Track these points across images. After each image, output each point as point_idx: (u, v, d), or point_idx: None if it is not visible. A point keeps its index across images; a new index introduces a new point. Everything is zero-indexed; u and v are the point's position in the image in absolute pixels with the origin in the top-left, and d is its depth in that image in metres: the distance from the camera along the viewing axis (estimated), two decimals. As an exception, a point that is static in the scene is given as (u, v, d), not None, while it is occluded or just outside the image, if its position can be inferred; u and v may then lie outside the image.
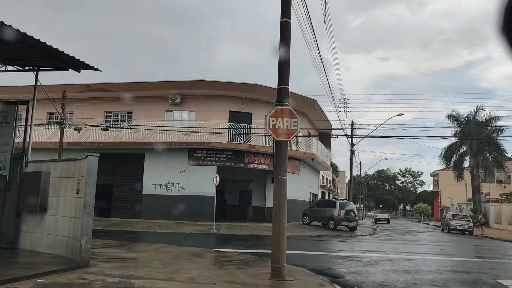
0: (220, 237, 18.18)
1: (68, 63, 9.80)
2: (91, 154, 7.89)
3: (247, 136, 25.55)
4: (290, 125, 7.56)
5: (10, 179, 9.60)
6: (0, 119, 9.83)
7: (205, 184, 24.28)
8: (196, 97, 26.04)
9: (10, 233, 9.48)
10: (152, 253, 10.48)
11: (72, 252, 8.36)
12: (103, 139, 24.91)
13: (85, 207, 7.69)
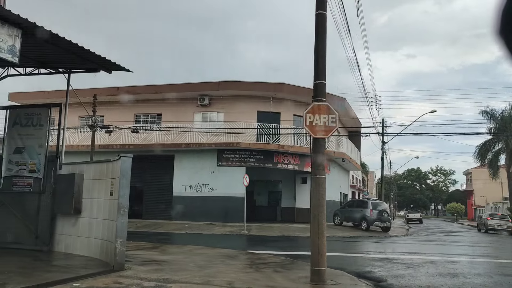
0: (251, 238, 17.94)
1: (99, 65, 9.75)
2: (124, 155, 7.77)
3: (275, 136, 25.26)
4: (328, 121, 7.23)
5: (44, 181, 9.61)
6: (34, 122, 9.88)
7: (235, 185, 24.15)
8: (224, 98, 25.93)
9: (46, 235, 9.48)
10: (185, 255, 10.32)
11: (106, 254, 8.26)
12: (133, 142, 25.10)
13: (119, 209, 7.56)
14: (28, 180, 9.73)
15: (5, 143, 10.02)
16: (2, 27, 7.20)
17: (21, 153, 9.82)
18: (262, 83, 25.40)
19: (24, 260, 8.27)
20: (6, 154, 9.92)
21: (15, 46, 7.46)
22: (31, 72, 10.44)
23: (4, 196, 9.89)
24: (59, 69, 10.40)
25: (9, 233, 9.81)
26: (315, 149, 7.39)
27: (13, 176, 9.85)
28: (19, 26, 7.49)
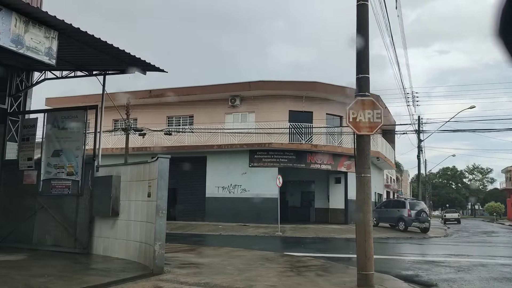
0: (286, 240, 17.63)
1: (134, 66, 9.68)
2: (162, 156, 7.62)
3: (308, 136, 24.86)
4: (373, 117, 6.84)
5: (82, 184, 9.61)
6: (71, 124, 9.89)
7: (267, 186, 23.92)
8: (255, 98, 25.72)
9: (84, 238, 9.47)
10: (223, 257, 10.11)
11: (145, 257, 8.13)
12: (166, 144, 25.23)
13: (158, 211, 7.41)
14: (66, 183, 9.75)
15: (43, 146, 10.09)
16: (39, 29, 7.18)
17: (59, 156, 9.86)
18: (294, 82, 25.05)
19: (64, 263, 8.25)
20: (44, 157, 9.99)
21: (52, 48, 7.44)
22: (67, 75, 10.50)
23: (44, 199, 9.96)
24: (94, 71, 10.41)
25: (49, 235, 9.87)
26: (360, 146, 7.03)
27: (52, 179, 9.90)
28: (55, 28, 7.47)
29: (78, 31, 7.54)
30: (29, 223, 10.03)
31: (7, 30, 6.66)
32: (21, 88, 10.86)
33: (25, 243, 9.96)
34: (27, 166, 10.20)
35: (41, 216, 9.97)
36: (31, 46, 7.06)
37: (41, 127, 10.31)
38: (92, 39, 7.90)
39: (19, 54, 7.07)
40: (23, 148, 10.41)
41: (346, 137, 26.06)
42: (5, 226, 10.30)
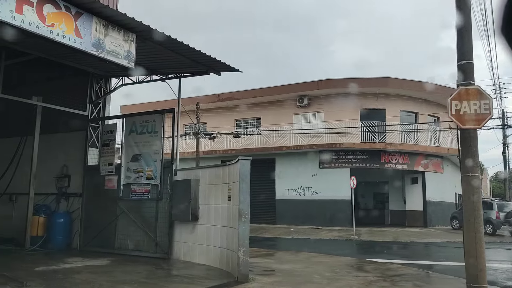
0: (364, 244, 16.74)
1: (209, 67, 9.47)
2: (243, 158, 7.27)
3: (381, 134, 23.69)
4: (480, 108, 6.01)
5: (161, 188, 9.54)
6: (149, 129, 9.88)
7: (339, 188, 23.09)
8: (323, 97, 24.96)
9: (164, 243, 9.38)
10: (304, 264, 9.59)
11: (227, 264, 7.82)
12: (235, 147, 25.20)
13: (241, 215, 7.05)
14: (146, 187, 9.74)
15: (122, 151, 10.18)
16: (118, 32, 7.11)
17: (138, 161, 9.88)
18: (365, 79, 23.98)
19: (146, 268, 8.16)
20: (124, 162, 10.06)
21: (130, 51, 7.35)
22: (144, 79, 10.53)
23: (124, 204, 10.03)
24: (169, 75, 10.35)
25: (130, 240, 9.91)
26: (465, 142, 6.22)
27: (132, 184, 9.94)
28: (133, 30, 7.38)
29: (156, 32, 7.39)
30: (111, 227, 10.14)
31: (88, 35, 6.63)
32: (100, 95, 11.08)
33: (108, 247, 10.08)
34: (108, 171, 10.34)
35: (122, 220, 10.04)
36: (111, 49, 7.00)
37: (120, 133, 10.42)
38: (169, 40, 7.74)
39: (99, 59, 7.03)
40: (104, 153, 10.58)
41: (422, 135, 24.58)
42: (88, 230, 10.51)
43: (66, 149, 11.24)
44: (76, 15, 6.45)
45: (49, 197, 11.16)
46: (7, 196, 11.53)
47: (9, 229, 11.37)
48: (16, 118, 11.16)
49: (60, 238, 10.48)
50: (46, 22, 6.03)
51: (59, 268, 7.92)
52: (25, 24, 5.79)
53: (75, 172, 11.00)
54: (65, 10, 6.29)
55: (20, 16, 5.71)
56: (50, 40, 6.18)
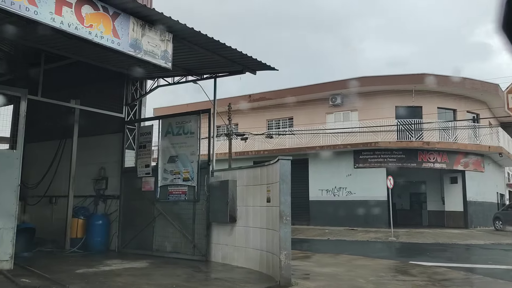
0: (403, 246, 16.19)
1: (245, 66, 9.30)
2: (283, 158, 7.04)
3: (418, 133, 22.97)
4: (540, 101, 5.57)
5: (198, 189, 9.44)
6: (185, 130, 9.80)
7: (375, 188, 22.56)
8: (357, 96, 24.41)
9: (202, 245, 9.26)
10: (346, 267, 9.27)
11: (267, 267, 7.62)
12: (267, 147, 25.01)
13: (282, 217, 6.83)
14: (183, 189, 9.66)
15: (159, 153, 10.14)
16: (155, 32, 7.03)
17: (175, 162, 9.81)
18: (400, 76, 23.35)
19: (186, 271, 8.04)
20: (161, 164, 10.02)
21: (167, 51, 7.26)
22: (179, 81, 10.47)
23: (161, 206, 9.98)
24: (204, 75, 10.25)
25: (168, 242, 9.85)
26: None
27: (169, 185, 9.89)
28: (169, 30, 7.29)
29: (193, 31, 7.28)
30: (149, 229, 10.11)
31: (125, 35, 6.58)
32: (136, 97, 11.10)
33: (146, 249, 10.06)
34: (145, 173, 10.33)
35: (160, 222, 10.00)
36: (148, 50, 6.92)
37: (156, 134, 10.40)
38: (206, 39, 7.61)
39: (136, 59, 6.97)
40: (141, 155, 10.59)
41: (461, 132, 23.69)
42: (126, 232, 10.54)
43: (103, 152, 11.32)
44: (113, 16, 6.40)
45: (87, 199, 11.27)
46: (46, 199, 11.73)
47: (49, 231, 11.55)
48: (55, 121, 11.33)
49: (99, 240, 10.55)
50: (84, 23, 6.00)
51: (99, 270, 7.91)
52: (64, 25, 5.77)
53: (113, 174, 11.06)
54: (102, 11, 6.25)
55: (60, 17, 5.69)
56: (88, 41, 6.14)
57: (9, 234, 7.50)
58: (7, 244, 7.47)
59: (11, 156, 7.79)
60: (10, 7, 5.17)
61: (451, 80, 22.64)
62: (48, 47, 8.76)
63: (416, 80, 22.99)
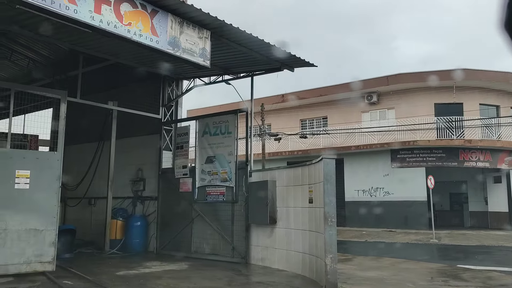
0: (447, 248, 15.50)
1: (283, 63, 9.05)
2: (327, 157, 6.74)
3: (459, 130, 22.09)
4: None
5: (236, 190, 9.25)
6: (222, 129, 9.64)
7: (413, 188, 21.85)
8: (394, 93, 23.74)
9: (242, 247, 9.06)
10: (391, 271, 8.85)
11: (310, 270, 7.33)
12: (301, 147, 24.67)
13: (326, 219, 6.53)
14: (221, 190, 9.49)
15: (196, 153, 10.02)
16: (193, 29, 6.87)
17: (212, 162, 9.67)
18: (439, 72, 22.47)
19: (226, 274, 7.85)
20: (198, 164, 9.90)
21: (205, 49, 7.10)
22: (215, 80, 10.33)
23: (199, 207, 9.86)
24: (240, 74, 10.06)
25: (206, 244, 9.71)
26: None
27: (206, 186, 9.75)
28: (207, 27, 7.12)
29: (231, 28, 7.09)
30: (187, 231, 10.01)
31: (164, 33, 6.45)
32: (172, 98, 11.04)
33: (184, 251, 9.96)
34: (183, 174, 10.23)
35: (198, 224, 9.87)
36: (186, 48, 6.78)
37: (193, 135, 10.29)
38: (245, 36, 7.42)
39: (175, 57, 6.84)
40: (178, 156, 10.50)
41: (506, 129, 22.63)
42: (164, 233, 10.47)
43: (140, 153, 11.32)
44: (152, 13, 6.29)
45: (126, 200, 11.29)
46: (86, 200, 11.84)
47: (88, 232, 11.66)
48: (93, 123, 11.41)
49: (137, 242, 10.53)
50: (123, 21, 5.91)
51: (139, 272, 7.83)
52: (104, 24, 5.68)
53: (150, 175, 11.04)
54: (141, 8, 6.14)
55: (99, 16, 5.61)
56: (127, 39, 6.04)
57: (51, 236, 7.52)
58: (49, 246, 7.49)
59: (51, 158, 7.82)
60: (51, 6, 5.11)
61: (494, 75, 21.67)
62: (86, 49, 8.78)
63: (456, 76, 22.11)
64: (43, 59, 11.34)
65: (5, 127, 7.83)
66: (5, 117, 7.91)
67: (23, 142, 9.44)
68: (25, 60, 11.39)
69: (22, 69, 11.83)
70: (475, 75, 21.86)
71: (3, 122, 11.13)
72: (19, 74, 12.17)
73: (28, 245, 7.31)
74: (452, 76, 21.95)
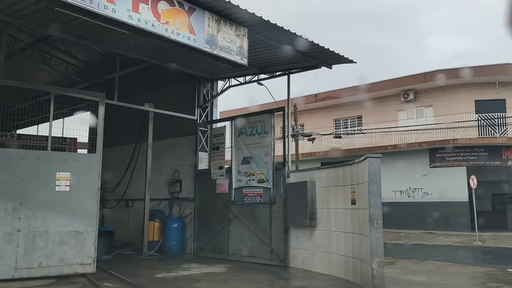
0: (493, 251, 14.79)
1: (320, 60, 8.78)
2: (371, 156, 6.46)
3: (502, 128, 21.12)
4: None
5: (274, 191, 9.04)
6: (258, 129, 9.47)
7: (454, 188, 21.02)
8: (432, 91, 22.95)
9: (280, 249, 8.84)
10: (438, 275, 8.43)
11: (354, 275, 7.03)
12: (335, 148, 24.19)
13: (372, 221, 6.23)
14: (258, 191, 9.31)
15: (233, 154, 9.88)
16: (230, 27, 6.73)
17: (249, 163, 9.51)
18: (480, 67, 21.58)
19: (266, 277, 7.66)
20: (235, 165, 9.76)
21: (243, 47, 6.94)
22: (250, 80, 10.18)
23: (236, 208, 9.71)
24: (276, 72, 9.86)
25: (244, 246, 9.56)
26: None
27: (243, 187, 9.59)
28: (244, 24, 6.96)
29: (269, 24, 6.89)
30: (224, 232, 9.89)
31: (201, 31, 6.33)
32: (207, 99, 10.95)
33: (221, 253, 9.85)
34: (219, 175, 10.11)
35: (235, 225, 9.73)
36: (223, 46, 6.64)
37: (229, 135, 10.17)
38: (283, 33, 7.22)
39: (212, 56, 6.71)
40: (214, 157, 10.40)
41: (552, 126, 21.49)
42: (201, 235, 10.38)
43: (176, 154, 11.30)
44: (189, 11, 6.18)
45: (162, 202, 11.28)
46: (123, 202, 11.91)
47: (126, 233, 11.73)
48: (130, 125, 11.47)
49: (175, 243, 10.49)
50: (161, 20, 5.82)
51: (178, 275, 7.74)
52: (142, 23, 5.61)
53: (186, 177, 10.99)
54: (178, 6, 6.04)
55: (137, 14, 5.54)
56: (165, 38, 5.95)
57: (91, 238, 7.54)
58: (89, 248, 7.51)
59: (91, 160, 7.85)
60: (89, 5, 5.06)
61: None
62: (123, 51, 8.80)
63: (498, 71, 21.19)
64: (81, 63, 11.49)
65: (45, 130, 7.92)
66: (45, 121, 8.00)
67: (63, 145, 9.56)
68: (63, 65, 11.57)
69: (61, 74, 12.03)
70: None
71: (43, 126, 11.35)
72: (58, 78, 12.40)
73: (69, 247, 7.35)
74: (494, 72, 21.03)
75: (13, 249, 6.94)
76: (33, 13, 6.93)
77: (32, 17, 7.17)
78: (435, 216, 21.19)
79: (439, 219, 21.10)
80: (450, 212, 21.04)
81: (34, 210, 7.15)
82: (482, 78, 21.48)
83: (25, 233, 7.06)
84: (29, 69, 12.01)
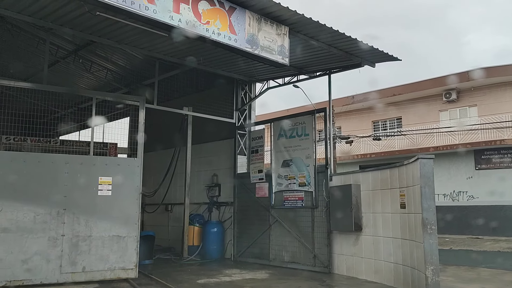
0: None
1: (363, 58, 8.46)
2: (423, 156, 6.09)
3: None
4: None
5: (316, 195, 8.76)
6: (299, 132, 9.23)
7: (502, 191, 19.96)
8: (476, 90, 22.01)
9: (323, 255, 8.54)
10: (494, 283, 7.90)
11: (405, 283, 6.65)
12: (374, 150, 23.60)
13: (425, 226, 5.86)
14: (299, 194, 9.05)
15: (272, 157, 9.67)
16: (271, 26, 6.55)
17: (289, 166, 9.27)
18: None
19: (311, 285, 7.40)
20: (275, 169, 9.55)
21: (284, 46, 6.75)
22: (290, 81, 9.96)
23: (277, 212, 9.49)
24: (316, 72, 9.60)
25: (285, 251, 9.31)
26: None
27: (284, 191, 9.36)
28: (285, 23, 6.75)
29: (310, 22, 6.66)
30: (265, 237, 9.67)
31: (242, 31, 6.18)
32: (245, 101, 10.82)
33: (262, 258, 9.64)
34: (258, 179, 9.92)
35: (276, 230, 9.50)
36: (264, 45, 6.46)
37: (268, 138, 9.97)
38: (325, 30, 6.97)
39: (253, 56, 6.55)
40: (253, 160, 10.23)
41: None
42: (241, 240, 10.22)
43: (215, 158, 11.21)
44: (229, 10, 6.04)
45: (201, 206, 11.20)
46: (162, 206, 11.91)
47: (165, 238, 11.71)
48: (168, 130, 11.47)
49: (214, 248, 10.37)
50: (201, 20, 5.71)
51: (220, 281, 7.58)
52: (182, 23, 5.51)
53: (225, 180, 10.87)
54: (219, 6, 5.92)
55: (178, 15, 5.45)
56: (206, 39, 5.82)
57: (133, 243, 7.51)
58: (131, 253, 7.48)
59: (132, 164, 7.83)
60: (131, 7, 5.00)
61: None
62: (162, 55, 8.78)
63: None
64: (120, 69, 11.61)
65: (87, 136, 7.98)
66: (86, 128, 8.07)
67: (104, 150, 9.65)
68: (103, 71, 11.73)
69: (101, 80, 12.22)
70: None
71: (84, 131, 11.53)
72: (98, 85, 12.59)
73: (111, 252, 7.34)
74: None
75: (58, 253, 6.98)
76: (75, 18, 6.98)
77: (74, 23, 7.23)
78: (482, 220, 20.24)
79: (486, 224, 20.12)
80: (498, 216, 20.01)
81: (77, 215, 7.18)
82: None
83: (69, 238, 7.10)
84: (70, 77, 12.25)
